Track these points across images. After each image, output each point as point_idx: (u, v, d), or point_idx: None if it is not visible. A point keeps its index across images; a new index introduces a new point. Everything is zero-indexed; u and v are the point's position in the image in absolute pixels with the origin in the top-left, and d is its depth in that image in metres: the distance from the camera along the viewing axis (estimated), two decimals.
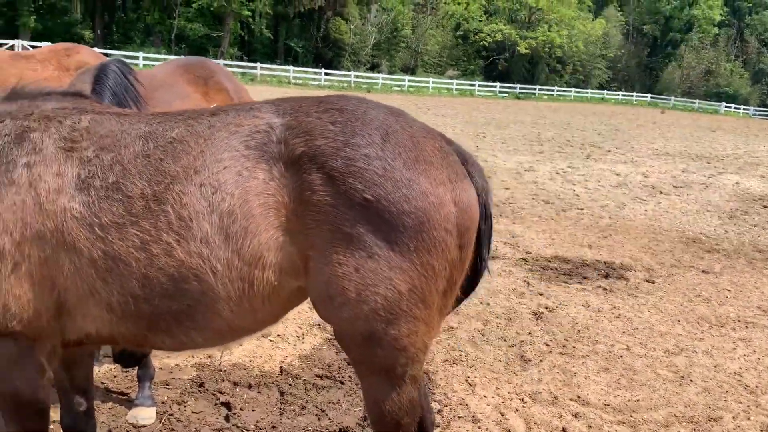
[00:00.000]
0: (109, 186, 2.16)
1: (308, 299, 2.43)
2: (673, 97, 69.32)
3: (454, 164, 2.33)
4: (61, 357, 2.61)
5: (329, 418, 4.03)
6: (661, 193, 13.60)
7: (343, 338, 2.33)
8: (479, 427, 4.07)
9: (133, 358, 3.57)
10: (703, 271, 7.95)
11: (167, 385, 4.27)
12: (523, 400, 4.47)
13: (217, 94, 4.41)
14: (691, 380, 4.94)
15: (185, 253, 2.13)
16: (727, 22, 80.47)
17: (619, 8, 79.18)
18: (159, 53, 45.20)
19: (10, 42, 37.26)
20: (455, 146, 2.46)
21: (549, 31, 64.28)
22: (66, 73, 5.35)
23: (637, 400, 4.55)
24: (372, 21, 58.87)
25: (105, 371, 4.36)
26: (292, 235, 2.18)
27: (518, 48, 63.88)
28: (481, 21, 65.78)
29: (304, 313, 5.49)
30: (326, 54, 57.06)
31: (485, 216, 2.45)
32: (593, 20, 71.41)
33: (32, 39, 42.04)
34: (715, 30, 76.62)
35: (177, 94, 4.13)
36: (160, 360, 4.56)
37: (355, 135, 2.19)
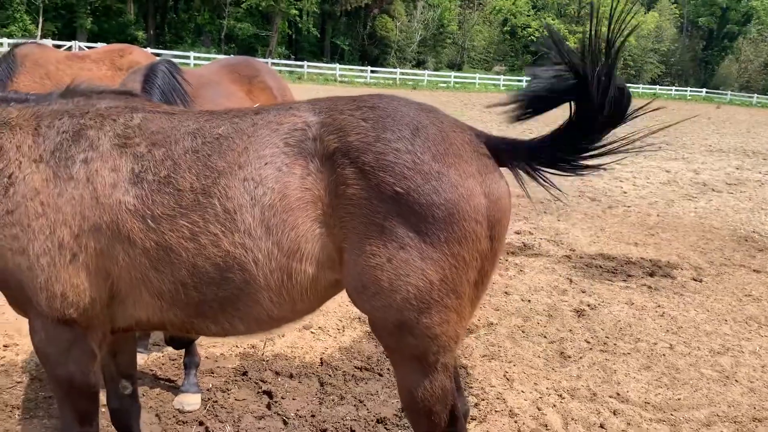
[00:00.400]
0: (161, 180, 2.29)
1: (344, 291, 2.52)
2: (729, 92, 67.08)
3: (484, 156, 2.38)
4: (109, 345, 2.78)
5: (367, 409, 4.11)
6: (712, 190, 13.24)
7: (377, 327, 2.40)
8: (515, 422, 4.09)
9: (182, 340, 3.73)
10: (754, 270, 7.73)
11: (212, 373, 4.43)
12: (561, 396, 4.47)
13: (261, 92, 4.54)
14: (736, 380, 4.84)
15: (230, 243, 2.24)
16: None
17: (672, 1, 77.00)
18: (209, 53, 46.21)
19: (68, 43, 38.71)
20: (486, 137, 2.49)
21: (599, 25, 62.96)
22: (119, 73, 5.58)
23: (679, 399, 4.49)
24: (418, 18, 58.80)
25: (153, 359, 4.55)
26: (328, 227, 2.27)
27: (567, 43, 62.70)
28: (529, 16, 64.95)
29: (345, 306, 5.59)
30: (372, 51, 57.30)
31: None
32: (645, 13, 69.61)
33: (89, 40, 43.54)
34: None
35: (222, 93, 4.28)
36: (206, 349, 4.73)
37: (386, 130, 2.26)
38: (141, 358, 4.44)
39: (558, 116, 2.59)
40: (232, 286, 2.29)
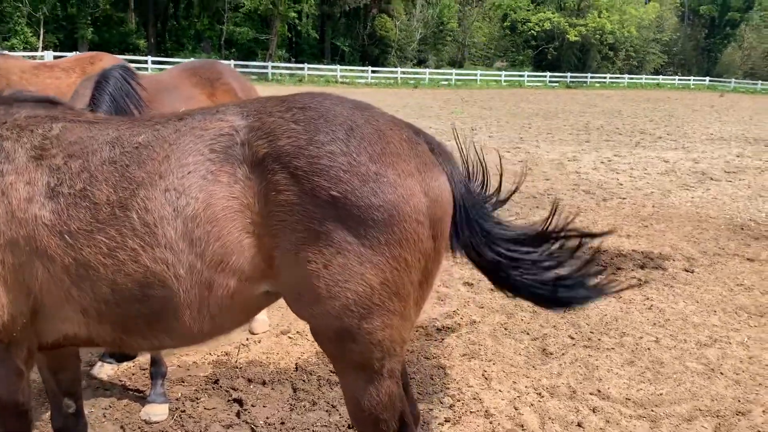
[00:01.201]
0: (76, 193, 2.20)
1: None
2: (733, 80, 66.47)
3: (423, 154, 2.30)
4: (47, 361, 2.71)
5: (339, 414, 4.04)
6: (711, 179, 13.07)
7: (318, 335, 2.33)
8: (491, 422, 4.00)
9: (123, 353, 3.67)
10: (748, 259, 7.60)
11: (183, 382, 4.36)
12: (540, 394, 4.38)
13: (224, 94, 4.46)
14: (721, 373, 4.73)
15: (150, 259, 2.15)
16: None
17: None
18: (210, 58, 46.28)
19: (70, 54, 38.79)
20: (424, 136, 2.43)
21: (599, 17, 62.59)
22: None
23: (661, 394, 4.39)
24: (417, 16, 58.65)
25: (123, 369, 4.49)
26: (258, 237, 2.18)
27: (568, 36, 62.46)
28: (528, 11, 64.61)
29: None
30: (372, 51, 57.21)
31: (459, 204, 2.41)
32: (646, 4, 69.19)
33: (90, 50, 43.72)
34: None
35: (182, 97, 4.21)
36: (178, 358, 4.67)
37: (319, 132, 2.18)
38: (111, 369, 4.40)
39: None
40: (155, 302, 2.20)
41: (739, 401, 4.34)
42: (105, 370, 4.35)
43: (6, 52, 7.41)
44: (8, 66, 5.73)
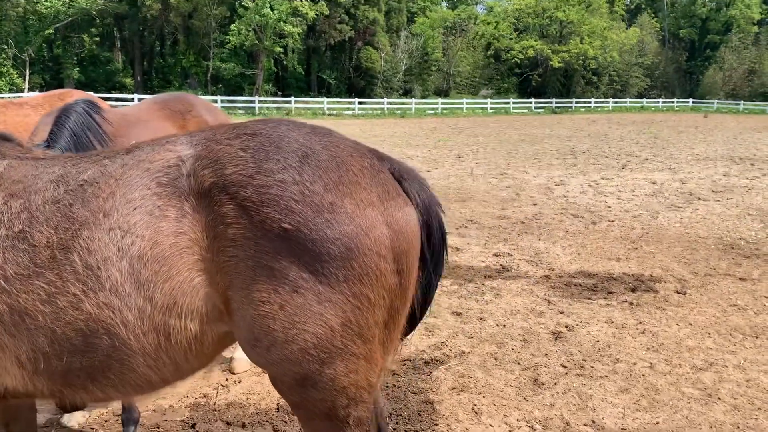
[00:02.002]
0: (14, 235, 2.04)
1: None
2: (716, 100, 67.33)
3: (386, 182, 2.14)
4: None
5: None
6: (699, 199, 13.04)
7: (276, 382, 2.14)
8: None
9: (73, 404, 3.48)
10: (740, 279, 7.49)
11: (158, 427, 4.15)
12: (532, 427, 4.19)
13: (196, 127, 4.33)
14: (719, 398, 4.57)
15: (93, 304, 1.99)
16: (767, 19, 78.11)
17: (653, 15, 77.94)
18: (196, 94, 46.44)
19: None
20: (390, 162, 2.27)
21: (581, 43, 63.55)
22: None
23: (657, 423, 4.22)
24: (402, 47, 59.29)
25: (96, 416, 4.27)
26: (209, 274, 2.02)
27: (551, 63, 63.29)
28: (511, 39, 65.57)
29: None
30: (358, 83, 57.65)
31: (431, 235, 2.25)
32: (627, 29, 70.36)
33: (77, 89, 43.76)
34: (756, 28, 74.41)
35: (152, 130, 4.07)
36: (153, 402, 4.46)
37: (269, 160, 2.02)
38: (82, 417, 4.18)
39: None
40: (99, 352, 2.02)
41: (738, 427, 4.17)
42: (75, 418, 4.13)
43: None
44: None
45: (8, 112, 5.41)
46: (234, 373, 4.93)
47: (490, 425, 4.22)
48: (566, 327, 5.93)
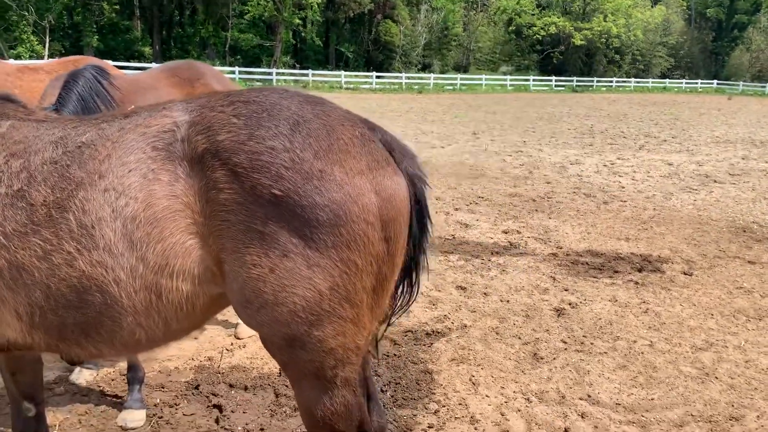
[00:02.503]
0: (13, 193, 2.11)
1: None
2: (741, 82, 66.07)
3: (376, 152, 2.17)
4: (6, 363, 2.63)
5: None
6: (714, 181, 12.91)
7: (266, 343, 2.21)
8: (476, 428, 3.90)
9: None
10: (748, 262, 7.46)
11: (163, 387, 4.28)
12: (528, 399, 4.26)
13: None
14: (716, 377, 4.61)
15: (87, 262, 2.06)
16: None
17: None
18: (214, 65, 46.43)
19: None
20: (381, 133, 2.30)
21: (605, 21, 62.50)
22: None
23: (652, 399, 4.27)
24: (422, 21, 58.70)
25: (103, 374, 4.41)
26: (202, 237, 2.08)
27: (573, 40, 62.36)
28: (533, 15, 64.59)
29: None
30: (377, 57, 57.25)
31: (418, 206, 2.29)
32: (652, 7, 69.00)
33: (96, 58, 43.91)
34: None
35: (158, 97, 4.11)
36: (159, 363, 4.59)
37: (260, 127, 2.07)
38: (89, 375, 4.32)
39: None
40: (92, 309, 2.10)
41: (732, 406, 4.21)
42: (83, 376, 4.27)
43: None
44: None
45: (24, 77, 5.50)
46: (239, 338, 5.04)
47: (487, 396, 4.30)
48: (569, 304, 5.97)
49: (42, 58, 41.83)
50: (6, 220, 2.10)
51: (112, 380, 4.36)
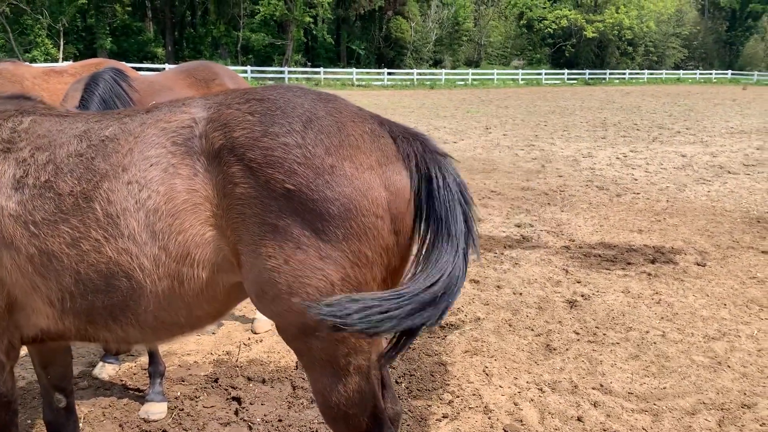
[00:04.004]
0: (41, 184, 2.23)
1: None
2: (756, 72, 65.33)
3: (385, 147, 2.24)
4: (37, 356, 2.74)
5: None
6: (728, 173, 12.85)
7: (282, 331, 2.29)
8: (489, 418, 3.97)
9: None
10: (762, 252, 7.45)
11: (183, 381, 4.38)
12: (541, 389, 4.33)
13: None
14: (728, 366, 4.64)
15: (113, 249, 2.17)
16: None
17: None
18: (226, 65, 46.65)
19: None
20: (391, 128, 2.35)
21: (617, 12, 62.05)
22: None
23: (664, 388, 4.31)
24: (433, 17, 58.61)
25: (125, 369, 4.53)
26: (220, 229, 2.17)
27: (585, 33, 61.97)
28: (545, 8, 64.26)
29: None
30: (388, 54, 57.26)
31: (433, 190, 2.29)
32: None
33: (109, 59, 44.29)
34: None
35: (176, 98, 4.22)
36: (179, 357, 4.70)
37: (274, 124, 2.15)
38: (112, 369, 4.44)
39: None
40: (119, 293, 2.21)
41: (745, 394, 4.25)
42: (106, 370, 4.39)
43: (17, 60, 7.56)
44: (21, 72, 5.88)
45: (50, 80, 5.66)
46: (256, 333, 5.14)
47: (500, 386, 4.36)
48: (582, 296, 6.01)
49: (57, 61, 42.27)
50: (35, 209, 2.21)
51: (134, 374, 4.48)
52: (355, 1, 54.08)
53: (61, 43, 45.61)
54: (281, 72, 45.74)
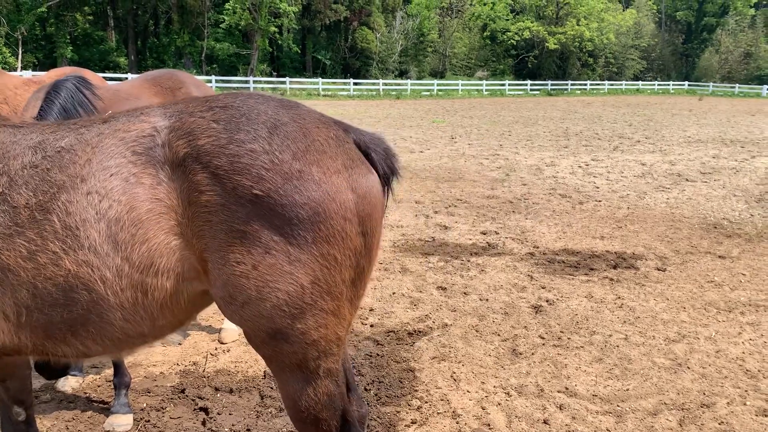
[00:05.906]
0: None
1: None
2: (711, 83, 67.27)
3: (350, 151, 2.29)
4: None
5: None
6: (686, 180, 13.21)
7: (251, 337, 2.29)
8: (458, 422, 4.01)
9: (54, 369, 3.62)
10: (719, 257, 7.68)
11: (149, 392, 4.33)
12: (508, 393, 4.39)
13: None
14: (688, 367, 4.77)
15: (72, 262, 2.13)
16: (764, 2, 77.82)
17: None
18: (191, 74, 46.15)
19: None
20: (355, 134, 2.41)
21: (578, 25, 63.24)
22: None
23: (627, 390, 4.41)
24: (398, 28, 59.02)
25: (89, 381, 4.45)
26: (185, 238, 2.17)
27: (547, 44, 63.08)
28: (507, 20, 65.21)
29: None
30: (354, 64, 57.42)
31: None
32: (623, 11, 70.09)
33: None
34: (752, 11, 74.06)
35: (141, 107, 4.19)
36: (145, 369, 4.64)
37: (239, 131, 2.16)
38: (76, 382, 4.35)
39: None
40: (79, 306, 2.17)
41: (704, 394, 4.37)
42: (70, 383, 4.30)
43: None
44: (4, 82, 5.78)
45: (30, 89, 5.55)
46: (223, 343, 5.10)
47: (468, 391, 4.41)
48: (547, 301, 6.11)
49: (15, 69, 41.33)
50: None
51: (98, 386, 4.40)
52: (321, 11, 54.16)
53: (20, 51, 44.64)
54: (246, 81, 45.45)
